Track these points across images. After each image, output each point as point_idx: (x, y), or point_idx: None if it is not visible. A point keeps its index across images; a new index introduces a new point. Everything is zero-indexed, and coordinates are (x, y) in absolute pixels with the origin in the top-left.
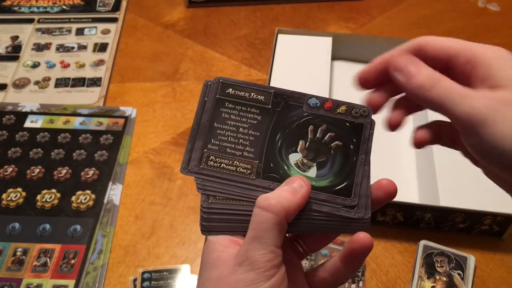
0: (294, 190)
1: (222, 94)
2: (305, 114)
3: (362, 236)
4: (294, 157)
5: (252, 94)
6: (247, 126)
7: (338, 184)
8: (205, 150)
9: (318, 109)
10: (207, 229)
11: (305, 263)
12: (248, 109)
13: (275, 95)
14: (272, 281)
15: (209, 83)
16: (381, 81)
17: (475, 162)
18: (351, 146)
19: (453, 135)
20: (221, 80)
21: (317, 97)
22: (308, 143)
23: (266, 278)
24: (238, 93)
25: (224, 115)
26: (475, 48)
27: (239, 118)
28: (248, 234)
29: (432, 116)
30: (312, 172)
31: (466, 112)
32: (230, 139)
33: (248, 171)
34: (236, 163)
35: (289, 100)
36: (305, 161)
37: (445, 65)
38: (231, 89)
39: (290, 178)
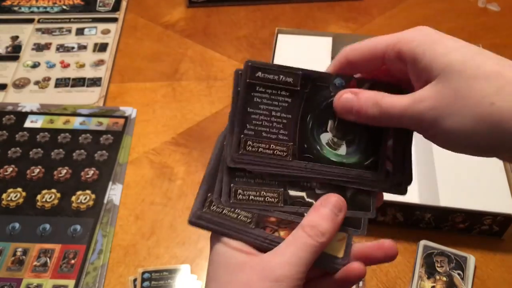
0: (334, 217)
1: (252, 78)
2: (332, 94)
3: (356, 266)
4: (325, 137)
5: (281, 76)
6: (279, 109)
7: (366, 160)
8: (241, 135)
9: (343, 88)
10: (197, 219)
11: None
12: (279, 92)
13: (303, 76)
14: None
15: (240, 72)
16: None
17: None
18: None
19: None
20: (249, 63)
21: (342, 77)
22: (336, 122)
23: None
24: (267, 76)
25: (256, 99)
26: (399, 42)
27: (270, 102)
28: (289, 250)
29: None
30: (342, 150)
31: (412, 119)
32: (264, 123)
33: (285, 153)
34: (272, 146)
35: (316, 82)
36: (335, 140)
37: (383, 65)
38: (260, 73)
39: (327, 197)
